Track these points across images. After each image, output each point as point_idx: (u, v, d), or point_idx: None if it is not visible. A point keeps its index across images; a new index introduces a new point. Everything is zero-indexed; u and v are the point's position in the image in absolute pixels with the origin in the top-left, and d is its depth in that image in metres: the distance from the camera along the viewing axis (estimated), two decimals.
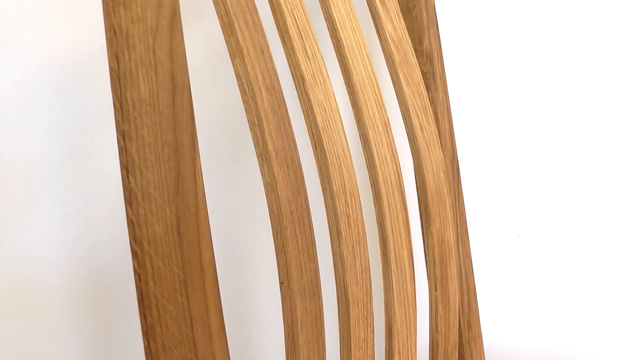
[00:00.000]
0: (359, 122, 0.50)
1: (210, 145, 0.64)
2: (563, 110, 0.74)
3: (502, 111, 0.74)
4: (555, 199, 0.75)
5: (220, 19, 0.42)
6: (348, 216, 0.47)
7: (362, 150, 0.51)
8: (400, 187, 0.51)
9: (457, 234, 0.61)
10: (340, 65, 0.50)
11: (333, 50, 0.51)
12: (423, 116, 0.55)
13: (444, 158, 0.60)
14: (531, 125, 0.74)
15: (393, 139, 0.52)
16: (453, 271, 0.56)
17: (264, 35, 0.44)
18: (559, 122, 0.74)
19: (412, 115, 0.54)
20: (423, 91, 0.56)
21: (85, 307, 0.62)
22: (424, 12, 0.60)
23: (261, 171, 0.44)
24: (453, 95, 0.68)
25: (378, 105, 0.51)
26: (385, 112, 0.51)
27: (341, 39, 0.50)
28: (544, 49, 0.73)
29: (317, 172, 0.47)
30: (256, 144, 0.43)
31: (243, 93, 0.43)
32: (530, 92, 0.74)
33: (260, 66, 0.43)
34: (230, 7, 0.42)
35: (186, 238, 0.33)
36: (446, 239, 0.56)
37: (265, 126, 0.43)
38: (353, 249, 0.47)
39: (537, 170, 0.75)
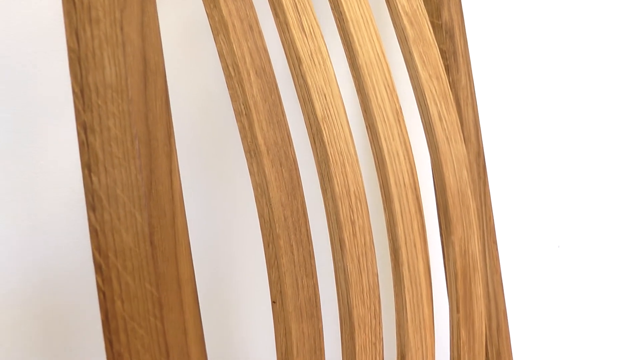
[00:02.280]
0: (365, 111, 0.51)
1: (189, 139, 0.65)
2: (610, 97, 0.74)
3: (538, 97, 0.74)
4: (604, 201, 0.75)
5: None
6: (353, 223, 0.47)
7: (369, 144, 0.51)
8: (415, 188, 0.52)
9: (484, 244, 0.61)
10: (343, 44, 0.51)
11: (334, 25, 0.51)
12: (442, 103, 0.55)
13: (468, 153, 0.60)
14: (572, 114, 0.74)
15: (406, 131, 0.52)
16: (479, 289, 0.56)
17: (252, 7, 0.44)
18: (605, 111, 0.75)
19: (429, 103, 0.54)
20: (442, 74, 0.56)
21: (37, 333, 0.62)
22: None
23: (249, 169, 0.44)
24: (478, 78, 0.68)
25: (388, 90, 0.51)
26: (397, 99, 0.52)
27: (344, 11, 0.50)
28: (591, 16, 0.73)
29: (315, 171, 0.48)
30: (244, 138, 0.44)
31: (228, 77, 0.43)
32: (573, 74, 0.74)
33: (248, 44, 0.43)
34: None
35: (160, 249, 0.34)
36: (470, 250, 0.56)
37: (254, 116, 0.43)
38: (359, 261, 0.47)
39: (581, 166, 0.75)
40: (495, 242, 0.63)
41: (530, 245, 0.76)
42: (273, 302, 0.44)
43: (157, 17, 0.36)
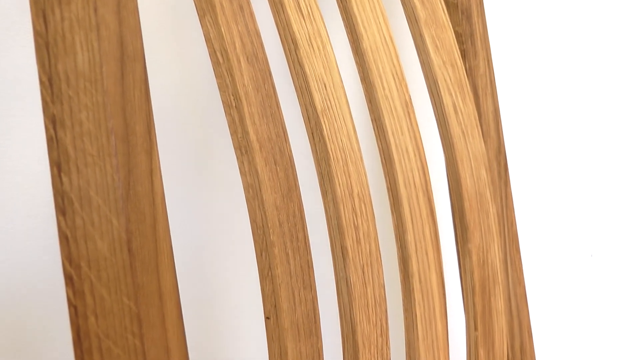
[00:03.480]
0: (370, 102, 0.51)
1: (172, 134, 0.65)
2: None
3: (568, 86, 0.74)
4: None
5: None
6: (356, 228, 0.47)
7: (374, 140, 0.51)
8: (427, 189, 0.52)
9: (505, 252, 0.61)
10: (346, 26, 0.51)
11: (336, 5, 0.51)
12: (458, 93, 0.55)
13: (487, 150, 0.60)
14: (608, 106, 0.74)
15: (417, 125, 0.52)
16: (499, 303, 0.57)
17: None
18: None
19: (442, 93, 0.55)
20: (458, 60, 0.56)
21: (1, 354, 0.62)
22: None
23: (240, 168, 0.44)
24: (498, 65, 0.68)
25: (397, 79, 0.51)
26: (407, 88, 0.52)
27: None
28: None
29: (314, 170, 0.48)
30: (233, 133, 0.44)
31: (216, 64, 0.43)
32: (605, 63, 0.74)
33: (238, 27, 0.43)
34: None
35: (140, 258, 0.34)
36: (490, 260, 0.56)
37: (245, 108, 0.43)
38: (363, 272, 0.47)
39: (617, 163, 0.75)
40: (518, 251, 0.63)
41: (559, 254, 0.76)
42: (267, 318, 0.44)
43: None
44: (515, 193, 0.67)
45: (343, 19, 0.51)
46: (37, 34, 0.33)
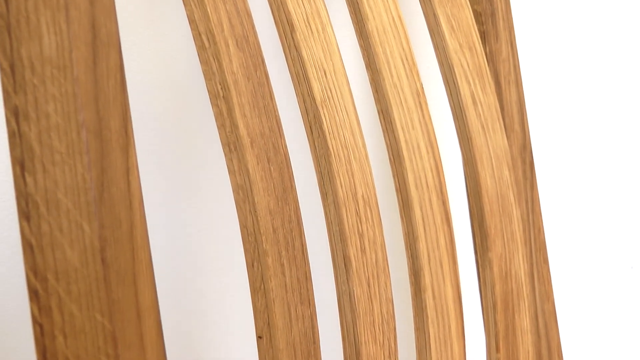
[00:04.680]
0: (377, 91, 0.51)
1: (151, 128, 0.65)
2: None
3: (605, 73, 0.74)
4: None
5: None
6: (361, 235, 0.47)
7: (381, 135, 0.51)
8: (441, 191, 0.52)
9: (531, 263, 0.62)
10: (349, 5, 0.51)
11: None
12: (477, 82, 0.56)
13: (510, 146, 0.60)
14: None
15: (430, 118, 0.52)
16: (524, 321, 0.57)
17: None
18: None
19: (459, 81, 0.55)
20: (476, 43, 0.56)
21: None
22: None
23: (228, 167, 0.44)
24: (523, 49, 0.68)
25: (407, 65, 0.52)
26: (418, 76, 0.52)
27: None
28: None
29: (313, 169, 0.48)
30: (221, 127, 0.44)
31: (201, 48, 0.43)
32: None
33: (226, 7, 0.43)
34: None
35: (115, 269, 0.34)
36: (513, 272, 0.56)
37: (234, 99, 0.43)
38: (369, 285, 0.47)
39: None
40: (546, 262, 0.63)
41: (593, 266, 0.76)
42: (259, 337, 0.44)
43: None
44: (543, 195, 0.67)
45: None
46: None
